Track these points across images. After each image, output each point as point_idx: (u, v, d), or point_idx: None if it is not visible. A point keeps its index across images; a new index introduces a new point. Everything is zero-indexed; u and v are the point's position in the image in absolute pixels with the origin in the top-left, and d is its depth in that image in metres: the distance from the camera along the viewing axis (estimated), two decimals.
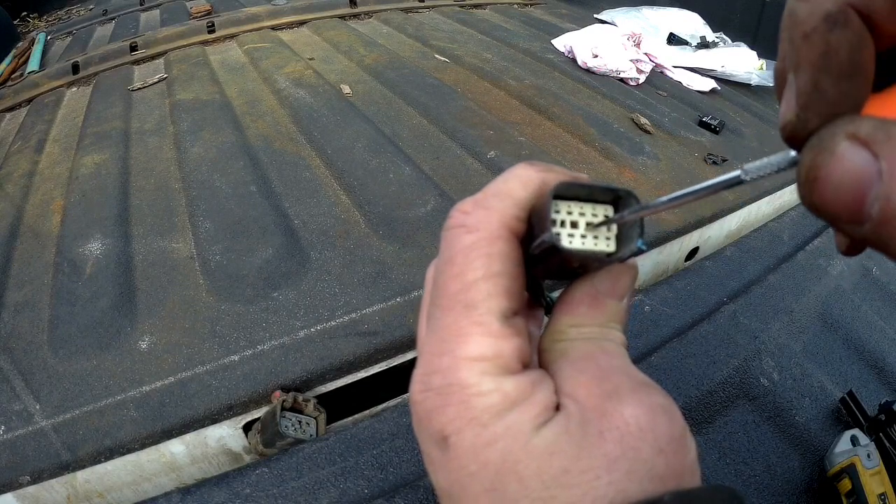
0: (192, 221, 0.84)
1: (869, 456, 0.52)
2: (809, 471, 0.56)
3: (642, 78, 1.31)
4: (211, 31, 1.54)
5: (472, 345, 0.19)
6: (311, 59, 1.36)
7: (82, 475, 0.57)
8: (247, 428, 0.61)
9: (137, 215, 0.87)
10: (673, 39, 1.51)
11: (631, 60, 1.31)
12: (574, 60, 1.36)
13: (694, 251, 0.88)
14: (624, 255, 0.21)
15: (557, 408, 0.19)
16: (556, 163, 0.94)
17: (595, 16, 1.74)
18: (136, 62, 1.46)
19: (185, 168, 0.96)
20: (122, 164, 1.00)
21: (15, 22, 2.09)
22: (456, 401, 0.19)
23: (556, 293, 0.23)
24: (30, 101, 1.40)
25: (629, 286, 0.22)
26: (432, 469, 0.20)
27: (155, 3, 1.95)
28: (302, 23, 1.62)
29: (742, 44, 1.51)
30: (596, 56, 1.32)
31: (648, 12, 1.63)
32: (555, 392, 0.19)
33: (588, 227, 0.20)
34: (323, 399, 0.63)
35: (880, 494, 0.49)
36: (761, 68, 1.37)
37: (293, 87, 1.20)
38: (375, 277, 0.73)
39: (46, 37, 1.82)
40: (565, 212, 0.20)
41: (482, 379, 0.19)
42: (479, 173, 0.92)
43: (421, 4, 1.77)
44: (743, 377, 0.61)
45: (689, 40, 1.52)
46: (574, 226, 0.20)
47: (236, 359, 0.64)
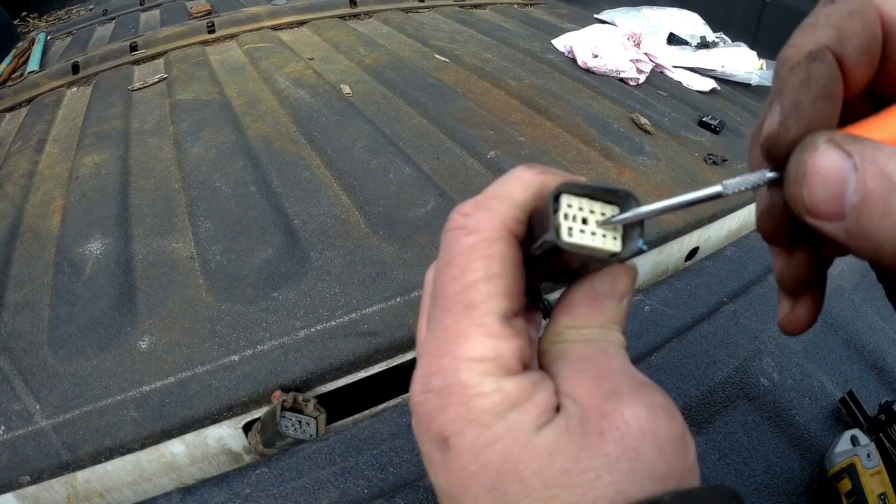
0: (192, 221, 0.84)
1: (869, 456, 0.52)
2: (809, 471, 0.56)
3: (642, 78, 1.31)
4: (211, 31, 1.54)
5: (472, 345, 0.19)
6: (311, 59, 1.36)
7: (82, 475, 0.57)
8: (247, 428, 0.61)
9: (137, 215, 0.87)
10: (673, 39, 1.51)
11: (631, 60, 1.31)
12: (574, 60, 1.36)
13: (694, 251, 0.88)
14: (624, 256, 0.21)
15: (557, 409, 0.19)
16: (556, 163, 0.95)
17: (595, 16, 1.74)
18: (136, 62, 1.46)
19: (185, 168, 0.96)
20: (122, 164, 1.00)
21: (15, 22, 2.09)
22: (456, 402, 0.19)
23: (555, 297, 0.23)
24: (30, 101, 1.40)
25: (628, 287, 0.22)
26: (433, 470, 0.20)
27: (155, 3, 1.95)
28: (302, 23, 1.62)
29: (742, 44, 1.51)
30: (596, 56, 1.32)
31: (648, 12, 1.63)
32: (555, 393, 0.19)
33: (597, 224, 0.20)
34: (323, 399, 0.63)
35: (880, 494, 0.49)
36: (761, 68, 1.37)
37: (293, 87, 1.20)
38: (375, 277, 0.73)
39: (46, 37, 1.82)
40: (576, 207, 0.20)
41: (482, 379, 0.19)
42: (479, 173, 0.92)
43: (421, 4, 1.77)
44: (743, 377, 0.61)
45: (689, 40, 1.52)
46: (584, 221, 0.20)
47: (236, 359, 0.64)
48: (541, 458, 0.17)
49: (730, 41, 1.55)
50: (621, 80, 1.30)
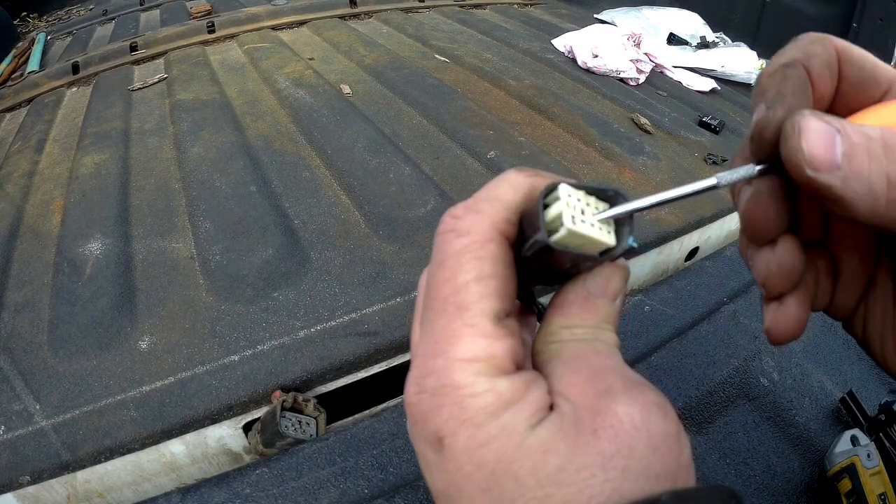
0: (192, 221, 0.84)
1: (869, 456, 0.52)
2: (809, 471, 0.56)
3: (642, 78, 1.31)
4: (211, 31, 1.54)
5: (465, 346, 0.19)
6: (311, 59, 1.36)
7: (82, 475, 0.58)
8: (247, 428, 0.62)
9: (137, 215, 0.87)
10: (673, 39, 1.51)
11: (631, 60, 1.31)
12: (574, 60, 1.36)
13: (694, 251, 0.88)
14: (616, 252, 0.21)
15: (551, 408, 0.19)
16: (556, 162, 0.95)
17: (595, 16, 1.74)
18: (136, 62, 1.47)
19: (185, 168, 0.96)
20: (122, 164, 1.00)
21: (15, 22, 2.09)
22: (450, 402, 0.19)
23: (548, 300, 0.23)
24: (30, 101, 1.40)
25: (621, 286, 0.22)
26: (428, 471, 0.20)
27: (155, 3, 1.95)
28: (302, 23, 1.62)
29: (742, 44, 1.51)
30: (596, 56, 1.32)
31: (648, 12, 1.63)
32: (548, 392, 0.20)
33: (593, 216, 0.20)
34: (323, 399, 0.63)
35: (880, 494, 0.49)
36: (761, 68, 1.36)
37: (293, 87, 1.20)
38: (375, 277, 0.73)
39: (46, 37, 1.82)
40: (575, 198, 0.20)
41: (476, 380, 0.19)
42: (479, 173, 0.92)
43: (421, 4, 1.77)
44: (743, 377, 0.61)
45: (689, 40, 1.52)
46: (582, 213, 0.20)
47: (236, 359, 0.64)
48: (535, 456, 0.17)
49: (730, 41, 1.55)
50: (621, 80, 1.30)
